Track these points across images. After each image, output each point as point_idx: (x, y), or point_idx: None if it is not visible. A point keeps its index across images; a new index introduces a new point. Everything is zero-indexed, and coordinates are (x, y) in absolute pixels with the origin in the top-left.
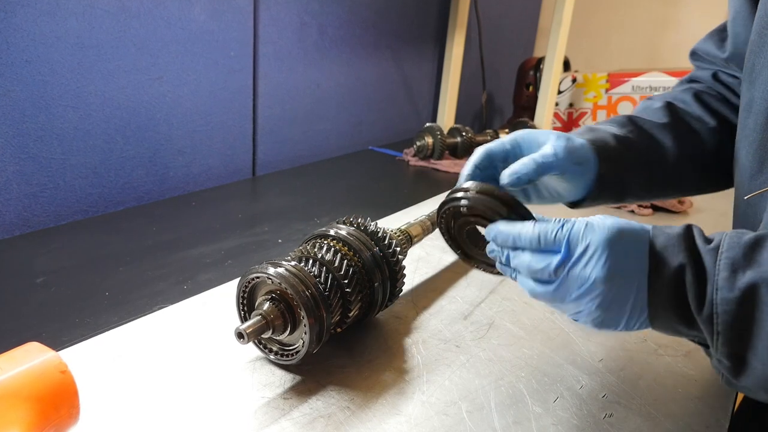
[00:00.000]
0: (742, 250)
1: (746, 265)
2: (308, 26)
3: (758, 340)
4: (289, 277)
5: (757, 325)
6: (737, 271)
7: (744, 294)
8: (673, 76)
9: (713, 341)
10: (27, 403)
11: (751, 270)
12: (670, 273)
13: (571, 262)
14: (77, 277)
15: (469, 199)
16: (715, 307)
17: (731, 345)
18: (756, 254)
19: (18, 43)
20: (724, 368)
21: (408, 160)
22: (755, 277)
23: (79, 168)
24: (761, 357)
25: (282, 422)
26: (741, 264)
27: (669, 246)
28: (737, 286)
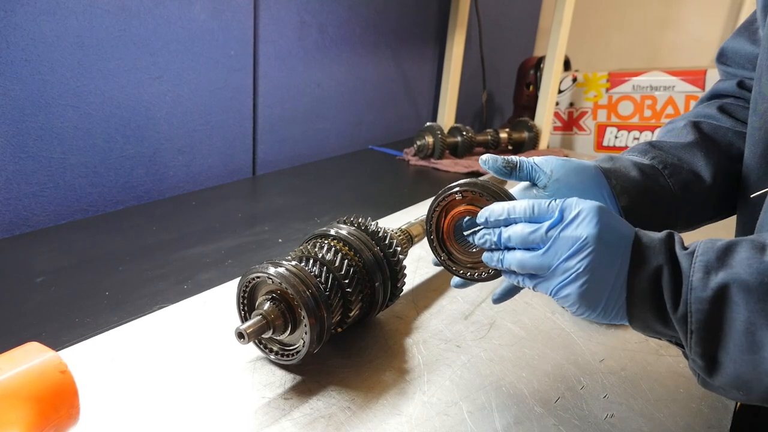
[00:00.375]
0: (715, 254)
1: (719, 267)
2: (308, 25)
3: (729, 339)
4: (289, 277)
5: (728, 324)
6: (710, 272)
7: (716, 293)
8: (673, 76)
9: (687, 340)
10: (27, 404)
11: (723, 271)
12: (649, 272)
13: (564, 224)
14: (77, 277)
15: (462, 185)
16: (689, 306)
17: (704, 344)
18: (728, 257)
19: (18, 42)
20: (698, 368)
21: (408, 159)
22: (726, 277)
23: (79, 167)
24: (732, 355)
25: (282, 422)
26: (714, 266)
27: (651, 246)
28: (710, 286)
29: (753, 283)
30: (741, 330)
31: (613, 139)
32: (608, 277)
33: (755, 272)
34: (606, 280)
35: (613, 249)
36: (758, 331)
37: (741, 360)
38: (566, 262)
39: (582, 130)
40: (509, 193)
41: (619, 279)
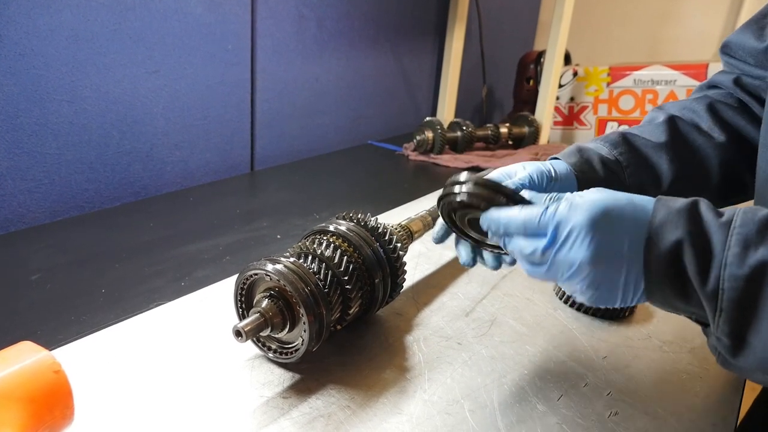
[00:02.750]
0: (756, 227)
1: (759, 242)
2: (307, 19)
3: (762, 321)
4: (287, 274)
5: (763, 304)
6: (749, 247)
7: (754, 271)
8: (674, 70)
9: (715, 318)
10: (19, 404)
11: (764, 247)
12: (665, 248)
13: (557, 247)
14: (73, 274)
15: (460, 194)
16: (722, 283)
17: (734, 323)
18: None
19: (11, 36)
20: (723, 347)
21: (408, 154)
22: (766, 255)
23: (75, 163)
24: (763, 337)
25: (281, 422)
26: (754, 241)
27: (668, 221)
28: (747, 263)
29: None
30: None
31: None
32: (616, 284)
33: None
34: (614, 287)
35: (617, 257)
36: None
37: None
38: (568, 282)
39: (583, 124)
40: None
41: (630, 278)
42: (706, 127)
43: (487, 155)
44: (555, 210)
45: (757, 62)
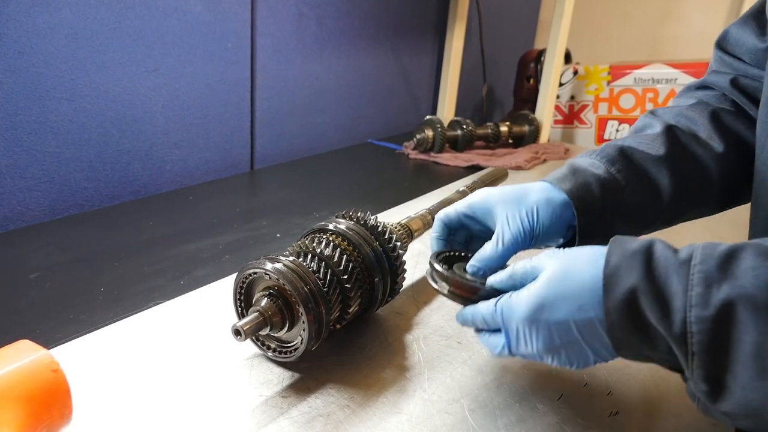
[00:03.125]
0: (716, 262)
1: (721, 278)
2: (306, 18)
3: (737, 363)
4: (287, 273)
5: (735, 345)
6: (712, 285)
7: (720, 312)
8: (675, 68)
9: (688, 363)
10: (17, 403)
11: (727, 284)
12: (621, 296)
13: (513, 345)
14: (72, 273)
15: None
16: (689, 326)
17: (708, 367)
18: (731, 266)
19: (11, 34)
20: (701, 392)
21: (408, 153)
22: (731, 292)
23: (74, 161)
24: (740, 381)
25: (280, 421)
26: (716, 278)
27: (621, 266)
28: (712, 303)
29: (761, 299)
30: (750, 352)
31: (615, 132)
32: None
33: (763, 285)
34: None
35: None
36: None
37: (751, 386)
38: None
39: (583, 123)
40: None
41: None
42: (705, 137)
43: (487, 154)
44: (501, 310)
45: (754, 61)
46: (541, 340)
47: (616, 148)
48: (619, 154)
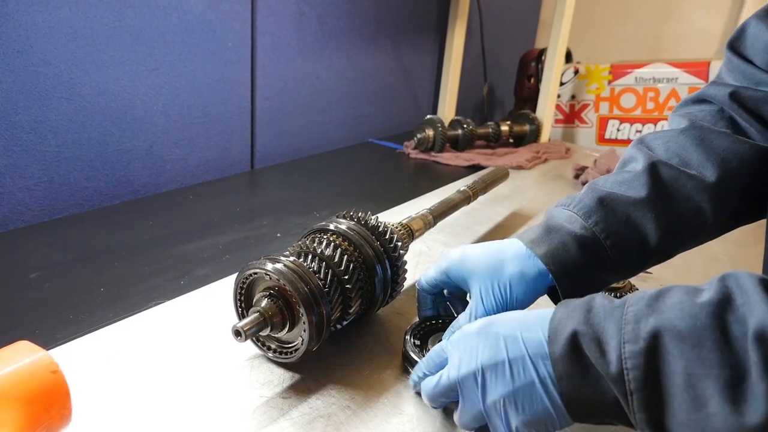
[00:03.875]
0: (645, 301)
1: (649, 313)
2: (307, 17)
3: (672, 398)
4: (287, 273)
5: (667, 378)
6: (640, 320)
7: (649, 343)
8: (676, 68)
9: (629, 405)
10: (16, 405)
11: (653, 317)
12: (564, 342)
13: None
14: (72, 273)
15: None
16: (624, 362)
17: (647, 408)
18: (659, 303)
19: (10, 33)
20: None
21: (408, 152)
22: (656, 323)
23: (74, 161)
24: (679, 418)
25: (281, 422)
26: (644, 313)
27: (565, 318)
28: (641, 336)
29: (685, 328)
30: (681, 384)
31: (615, 131)
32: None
33: (687, 316)
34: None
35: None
36: (698, 383)
37: (688, 422)
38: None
39: (584, 122)
40: None
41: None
42: (696, 166)
43: (487, 153)
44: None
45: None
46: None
47: (594, 198)
48: (597, 204)
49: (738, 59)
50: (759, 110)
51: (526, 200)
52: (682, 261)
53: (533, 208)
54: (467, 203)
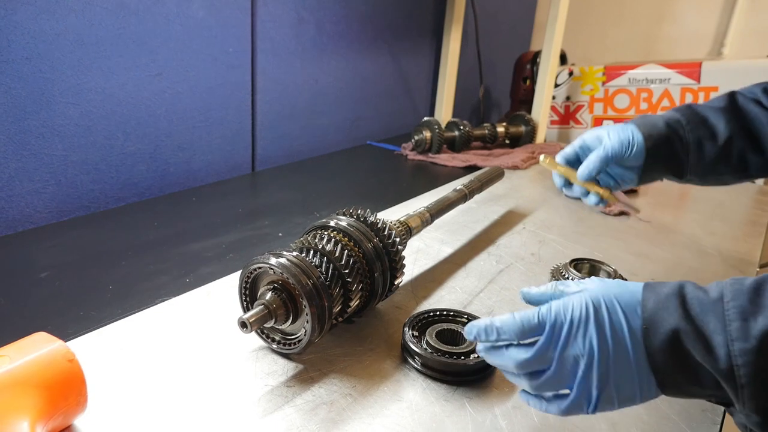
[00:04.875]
0: (747, 296)
1: (755, 311)
2: (306, 22)
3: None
4: (290, 267)
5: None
6: (748, 319)
7: (760, 342)
8: (669, 69)
9: (738, 396)
10: (36, 391)
11: (762, 316)
12: (664, 338)
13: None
14: (80, 272)
15: None
16: (734, 359)
17: (759, 397)
18: (761, 298)
19: (18, 41)
20: (753, 423)
21: (406, 154)
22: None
23: (81, 164)
24: None
25: (285, 409)
26: (749, 311)
27: (660, 309)
28: (752, 335)
29: None
30: None
31: None
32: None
33: None
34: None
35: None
36: None
37: None
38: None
39: (579, 123)
40: None
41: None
42: (761, 98)
43: (484, 154)
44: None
45: None
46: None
47: (686, 105)
48: (687, 106)
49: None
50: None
51: (521, 199)
52: (671, 255)
53: (528, 207)
54: (463, 202)
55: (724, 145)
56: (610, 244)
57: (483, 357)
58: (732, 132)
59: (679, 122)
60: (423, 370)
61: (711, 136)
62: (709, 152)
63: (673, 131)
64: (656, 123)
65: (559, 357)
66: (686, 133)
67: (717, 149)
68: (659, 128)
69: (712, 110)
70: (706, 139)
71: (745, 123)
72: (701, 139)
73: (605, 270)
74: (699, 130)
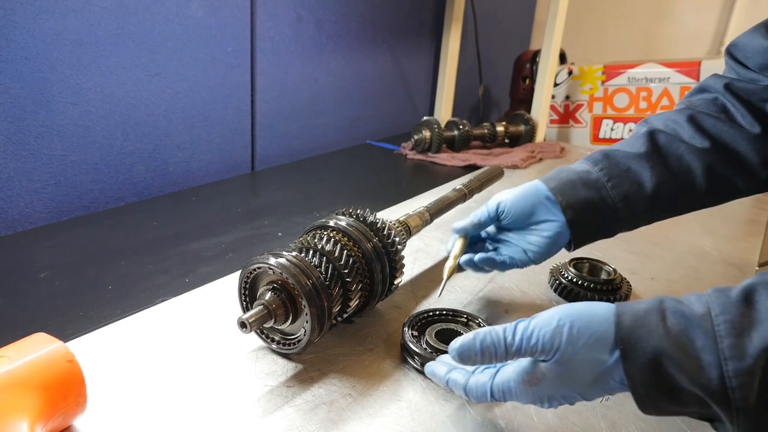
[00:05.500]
0: (737, 309)
1: (749, 326)
2: (305, 21)
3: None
4: (290, 267)
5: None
6: (743, 335)
7: (757, 361)
8: (668, 67)
9: (734, 419)
10: (35, 392)
11: (756, 332)
12: (644, 361)
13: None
14: (80, 272)
15: None
16: (729, 381)
17: (757, 419)
18: (753, 311)
19: (18, 40)
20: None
21: (406, 153)
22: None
23: (80, 164)
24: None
25: (285, 409)
26: (743, 326)
27: (636, 327)
28: (748, 354)
29: None
30: None
31: (609, 131)
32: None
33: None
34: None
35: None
36: None
37: None
38: None
39: (578, 122)
40: None
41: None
42: (688, 137)
43: (483, 153)
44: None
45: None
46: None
47: (601, 152)
48: (602, 155)
49: (734, 61)
50: (749, 99)
51: None
52: (671, 254)
53: None
54: (463, 201)
55: (653, 196)
56: (610, 244)
57: None
58: (658, 179)
59: (599, 181)
60: (422, 370)
61: (638, 189)
62: (639, 206)
63: (594, 192)
64: (573, 189)
65: None
66: (610, 192)
67: (646, 201)
68: (578, 195)
69: (633, 158)
70: (633, 194)
71: (672, 166)
72: (628, 196)
73: (605, 269)
74: (624, 186)
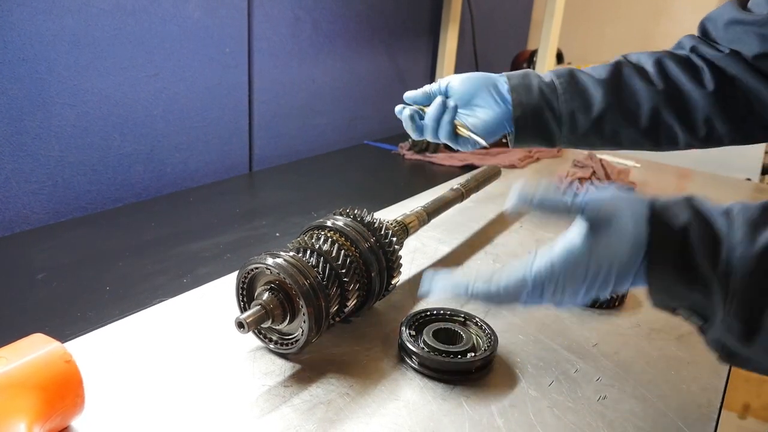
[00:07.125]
0: (758, 211)
1: (764, 222)
2: (302, 21)
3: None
4: (287, 267)
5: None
6: (757, 227)
7: (765, 249)
8: None
9: (726, 302)
10: (33, 392)
11: None
12: (674, 230)
13: None
14: (78, 273)
15: None
16: (731, 267)
17: (747, 306)
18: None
19: (15, 42)
20: (733, 334)
21: (403, 153)
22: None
23: (78, 165)
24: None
25: (283, 409)
26: (759, 221)
27: (670, 205)
28: (758, 242)
29: None
30: None
31: None
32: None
33: None
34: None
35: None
36: None
37: None
38: None
39: None
40: None
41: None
42: (649, 75)
43: (481, 153)
44: None
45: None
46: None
47: (571, 69)
48: (568, 73)
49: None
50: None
51: None
52: None
53: None
54: (460, 201)
55: (597, 119)
56: None
57: None
58: (607, 105)
59: (555, 92)
60: (420, 369)
61: (585, 109)
62: (582, 125)
63: (546, 101)
64: (531, 88)
65: None
66: (560, 104)
67: (589, 123)
68: (532, 97)
69: (593, 81)
70: (579, 112)
71: (623, 97)
72: (574, 112)
73: None
74: (574, 102)
